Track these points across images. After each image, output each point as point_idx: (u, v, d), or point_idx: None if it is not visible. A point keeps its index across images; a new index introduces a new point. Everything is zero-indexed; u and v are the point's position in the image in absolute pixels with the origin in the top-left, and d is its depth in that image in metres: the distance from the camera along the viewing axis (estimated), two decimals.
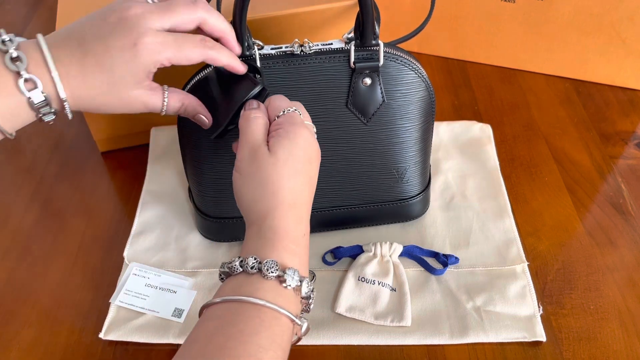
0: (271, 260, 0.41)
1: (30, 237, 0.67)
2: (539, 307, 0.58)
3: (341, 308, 0.58)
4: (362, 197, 0.62)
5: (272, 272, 0.40)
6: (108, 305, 0.59)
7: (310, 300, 0.44)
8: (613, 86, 0.85)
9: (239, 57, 0.51)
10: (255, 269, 0.41)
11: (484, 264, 0.63)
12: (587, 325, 0.58)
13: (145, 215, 0.68)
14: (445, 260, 0.62)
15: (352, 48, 0.54)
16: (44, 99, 0.42)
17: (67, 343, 0.58)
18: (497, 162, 0.73)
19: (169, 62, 0.44)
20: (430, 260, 0.63)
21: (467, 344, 0.57)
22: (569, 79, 0.87)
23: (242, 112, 0.48)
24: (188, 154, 0.60)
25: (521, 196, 0.70)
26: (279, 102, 0.48)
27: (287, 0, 0.69)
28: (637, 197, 0.70)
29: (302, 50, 0.54)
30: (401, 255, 0.62)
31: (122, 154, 0.77)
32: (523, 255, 0.63)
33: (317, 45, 0.55)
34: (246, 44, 0.53)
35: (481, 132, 0.77)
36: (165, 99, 0.47)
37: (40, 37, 0.42)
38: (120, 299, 0.59)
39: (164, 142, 0.76)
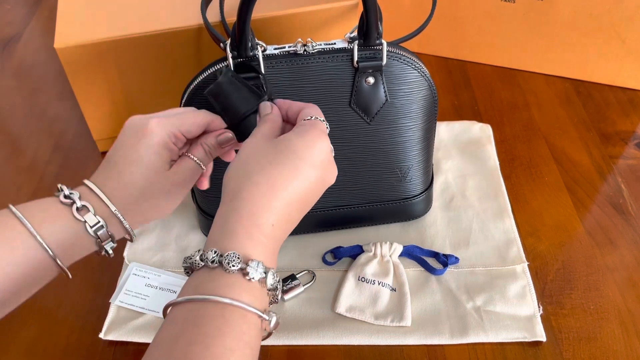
0: (232, 253, 0.38)
1: None
2: (539, 307, 0.59)
3: (341, 308, 0.58)
4: (366, 196, 0.62)
5: (234, 266, 0.38)
6: (108, 305, 0.59)
7: (277, 292, 0.41)
8: (613, 86, 0.85)
9: (242, 59, 0.53)
10: (216, 262, 0.38)
11: (484, 264, 0.63)
12: (587, 325, 0.58)
13: None
14: (445, 260, 0.62)
15: (356, 47, 0.54)
16: (97, 221, 0.44)
17: (67, 343, 0.58)
18: (497, 162, 0.73)
19: (179, 132, 0.47)
20: (430, 260, 0.63)
21: (467, 344, 0.57)
22: (569, 79, 0.87)
23: (257, 115, 0.49)
24: None
25: (521, 196, 0.70)
26: (311, 110, 0.48)
27: (287, 0, 0.69)
28: (637, 197, 0.70)
29: (305, 50, 0.54)
30: (401, 255, 0.62)
31: None
32: (523, 255, 0.63)
33: (320, 44, 0.55)
34: (249, 45, 0.53)
35: (481, 132, 0.77)
36: (194, 159, 0.49)
37: (85, 180, 0.47)
38: (120, 299, 0.59)
39: None
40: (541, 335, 0.56)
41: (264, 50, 0.55)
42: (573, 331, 0.58)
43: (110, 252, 0.46)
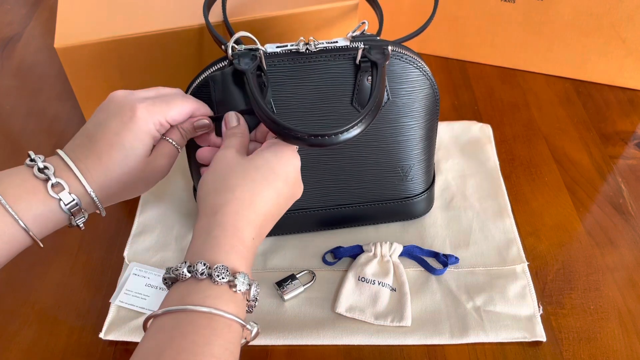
0: (222, 266, 0.39)
1: None
2: (539, 307, 0.59)
3: (341, 308, 0.58)
4: (367, 195, 0.62)
5: (223, 278, 0.39)
6: (108, 305, 0.59)
7: (255, 302, 0.43)
8: (613, 86, 0.85)
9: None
10: (205, 274, 0.39)
11: (484, 264, 0.63)
12: (587, 325, 0.58)
13: (145, 215, 0.68)
14: (445, 260, 0.62)
15: (361, 47, 0.54)
16: (72, 199, 0.45)
17: (67, 343, 0.58)
18: (497, 162, 0.73)
19: (165, 121, 0.48)
20: (430, 260, 0.63)
21: (467, 344, 0.57)
22: (569, 79, 0.87)
23: (222, 129, 0.51)
24: (194, 154, 0.59)
25: (521, 196, 0.70)
26: None
27: (287, 0, 0.69)
28: (637, 197, 0.70)
29: (307, 49, 0.54)
30: (401, 255, 0.62)
31: None
32: (523, 255, 0.63)
33: (322, 43, 0.55)
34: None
35: (481, 132, 0.77)
36: (173, 142, 0.50)
37: (59, 150, 0.46)
38: (120, 299, 0.59)
39: None
40: (541, 335, 0.56)
41: (265, 52, 0.54)
42: (573, 331, 0.58)
43: (82, 226, 0.47)
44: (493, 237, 0.65)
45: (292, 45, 0.55)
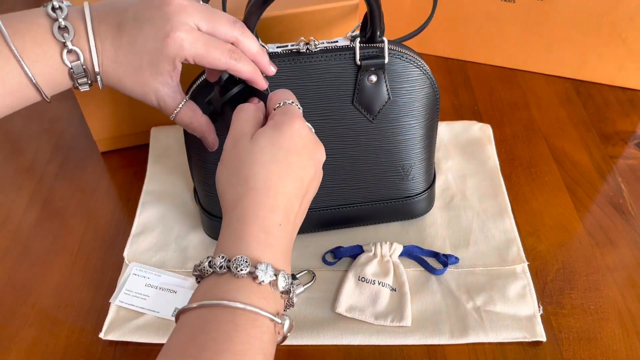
0: (240, 257, 0.38)
1: (30, 237, 0.67)
2: (539, 307, 0.59)
3: (341, 308, 0.58)
4: (368, 195, 0.62)
5: (242, 270, 0.37)
6: (108, 305, 0.59)
7: (291, 294, 0.41)
8: (613, 86, 0.85)
9: None
10: (224, 268, 0.38)
11: (484, 264, 0.63)
12: (587, 325, 0.58)
13: (145, 215, 0.68)
14: (445, 260, 0.62)
15: (357, 45, 0.54)
16: (82, 71, 0.45)
17: (67, 343, 0.58)
18: (497, 162, 0.73)
19: (193, 60, 0.46)
20: (431, 260, 0.63)
21: (467, 344, 0.57)
22: (569, 79, 0.87)
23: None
24: (194, 155, 0.60)
25: (521, 196, 0.70)
26: (279, 95, 0.47)
27: (287, 0, 0.69)
28: (637, 197, 0.70)
29: (308, 49, 0.55)
30: (401, 255, 0.62)
31: (122, 154, 0.77)
32: (523, 255, 0.63)
33: (323, 43, 0.55)
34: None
35: (481, 132, 0.77)
36: (179, 108, 0.49)
37: (86, 5, 0.45)
38: (120, 299, 0.59)
39: (164, 142, 0.76)
40: (541, 335, 0.56)
41: (267, 50, 0.55)
42: (573, 331, 0.58)
43: (86, 89, 0.47)
44: (493, 237, 0.65)
45: (292, 45, 0.55)
